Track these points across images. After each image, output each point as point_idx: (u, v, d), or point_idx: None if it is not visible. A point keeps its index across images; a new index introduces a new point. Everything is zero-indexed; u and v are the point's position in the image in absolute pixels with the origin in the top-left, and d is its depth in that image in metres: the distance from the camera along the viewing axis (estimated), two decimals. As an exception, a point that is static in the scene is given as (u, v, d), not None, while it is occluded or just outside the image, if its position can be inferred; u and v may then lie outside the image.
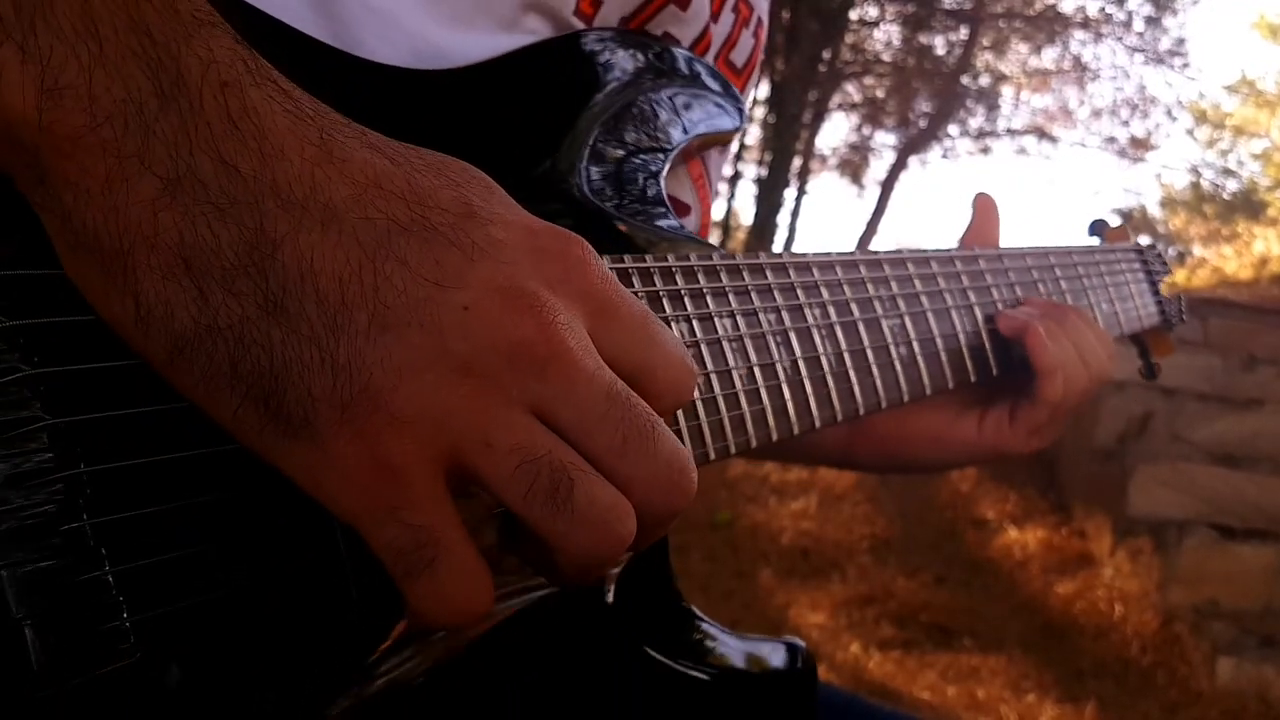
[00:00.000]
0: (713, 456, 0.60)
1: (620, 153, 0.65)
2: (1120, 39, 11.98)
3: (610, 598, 0.58)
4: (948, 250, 0.85)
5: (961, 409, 0.88)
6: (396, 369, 0.37)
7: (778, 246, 10.57)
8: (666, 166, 0.68)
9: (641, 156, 0.66)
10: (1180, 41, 12.03)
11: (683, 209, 0.78)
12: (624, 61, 0.68)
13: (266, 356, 0.36)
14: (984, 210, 0.96)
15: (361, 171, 0.39)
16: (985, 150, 13.51)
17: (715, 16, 0.79)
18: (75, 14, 0.35)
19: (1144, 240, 1.19)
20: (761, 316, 0.65)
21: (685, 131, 0.70)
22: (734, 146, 0.89)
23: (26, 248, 0.38)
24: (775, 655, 0.65)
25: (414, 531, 0.38)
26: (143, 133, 0.35)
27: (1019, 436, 0.87)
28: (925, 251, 0.82)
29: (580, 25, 0.67)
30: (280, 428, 0.37)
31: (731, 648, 0.64)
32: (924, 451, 0.90)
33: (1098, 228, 1.18)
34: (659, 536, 0.45)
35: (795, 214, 11.75)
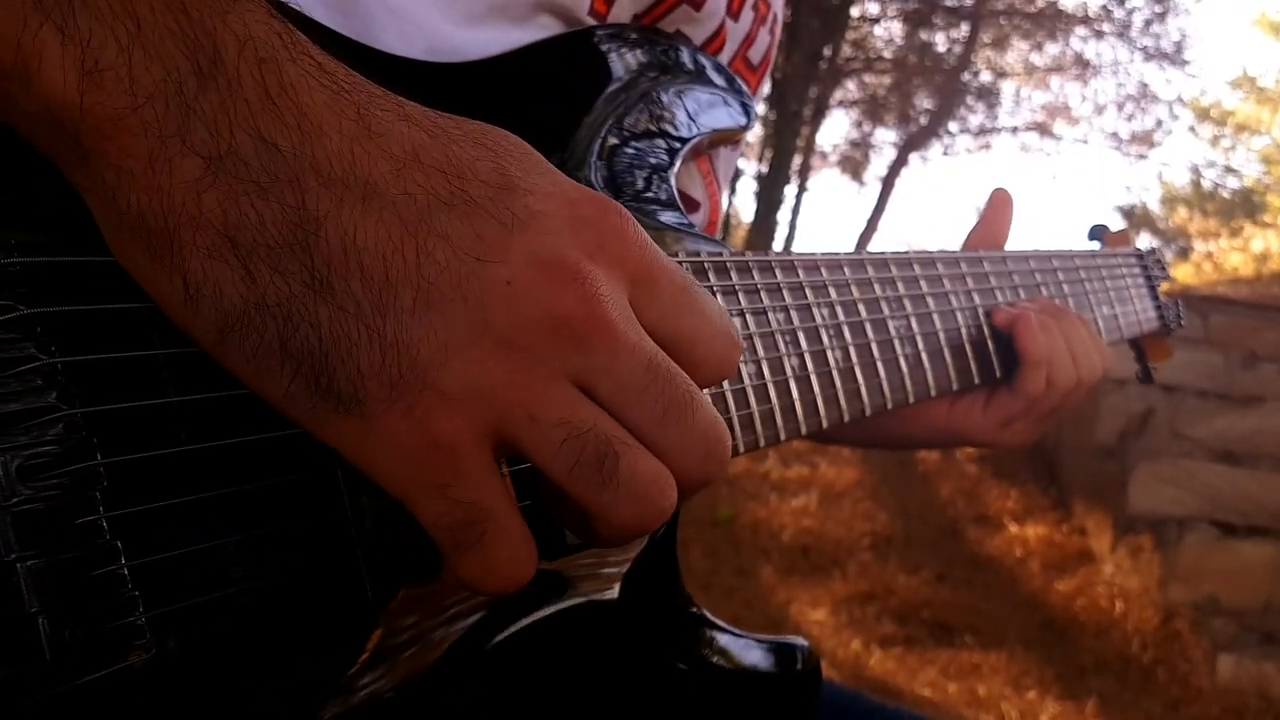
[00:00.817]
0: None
1: (630, 149, 0.65)
2: (1121, 35, 11.97)
3: (615, 595, 0.58)
4: (953, 252, 0.85)
5: None
6: (443, 345, 0.38)
7: (778, 244, 10.57)
8: (677, 163, 0.68)
9: (651, 153, 0.66)
10: (1182, 38, 12.03)
11: (692, 205, 0.78)
12: (633, 58, 0.68)
13: (315, 334, 0.37)
14: (999, 205, 0.96)
15: (400, 146, 0.39)
16: (986, 147, 13.51)
17: (735, 15, 0.79)
18: None
19: (1145, 239, 1.19)
20: (770, 315, 0.65)
21: (695, 129, 0.70)
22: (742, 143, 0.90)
23: (45, 236, 0.38)
24: (779, 656, 0.65)
25: (464, 508, 0.39)
26: (183, 112, 0.35)
27: (990, 425, 0.87)
28: (931, 253, 0.83)
29: (592, 23, 0.68)
30: (331, 404, 0.38)
31: (735, 647, 0.64)
32: (891, 426, 0.89)
33: (1098, 232, 1.19)
34: (690, 498, 0.45)
35: (796, 211, 11.74)
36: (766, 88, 0.93)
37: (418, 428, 0.38)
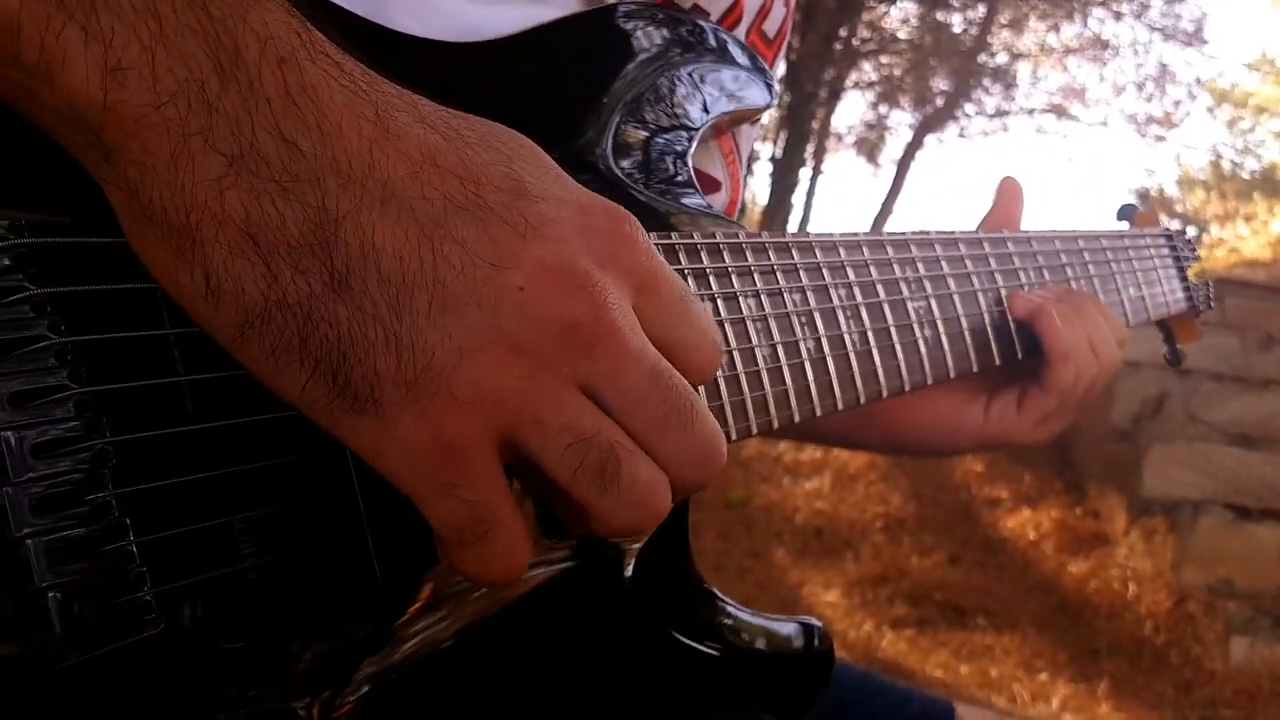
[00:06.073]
0: (734, 436, 0.60)
1: (647, 129, 0.65)
2: (1139, 16, 11.85)
3: (629, 573, 0.58)
4: (975, 233, 0.85)
5: (969, 395, 0.88)
6: (457, 349, 0.39)
7: (793, 226, 10.52)
8: (694, 144, 0.68)
9: (668, 133, 0.66)
10: (1201, 18, 11.91)
11: (713, 185, 0.78)
12: (653, 36, 0.67)
13: (334, 333, 0.37)
14: (1008, 195, 0.95)
15: (417, 148, 0.39)
16: (1003, 129, 13.40)
17: None
18: None
19: (1162, 221, 1.18)
20: (786, 296, 0.65)
21: (712, 108, 0.69)
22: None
23: (53, 217, 0.39)
24: (794, 635, 0.66)
25: (471, 507, 0.40)
26: (206, 111, 0.36)
27: (1026, 424, 0.87)
28: (953, 233, 0.82)
29: None
30: (347, 403, 0.38)
31: (750, 626, 0.64)
32: (929, 437, 0.90)
33: (1127, 213, 1.17)
34: (682, 500, 0.47)
35: (811, 193, 11.66)
36: (782, 65, 0.93)
37: (430, 430, 0.39)
